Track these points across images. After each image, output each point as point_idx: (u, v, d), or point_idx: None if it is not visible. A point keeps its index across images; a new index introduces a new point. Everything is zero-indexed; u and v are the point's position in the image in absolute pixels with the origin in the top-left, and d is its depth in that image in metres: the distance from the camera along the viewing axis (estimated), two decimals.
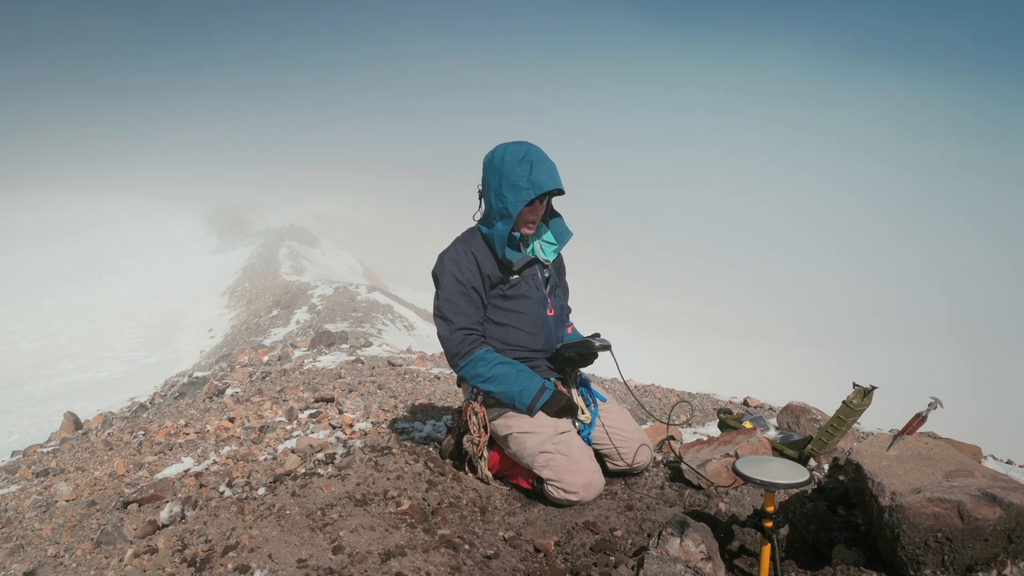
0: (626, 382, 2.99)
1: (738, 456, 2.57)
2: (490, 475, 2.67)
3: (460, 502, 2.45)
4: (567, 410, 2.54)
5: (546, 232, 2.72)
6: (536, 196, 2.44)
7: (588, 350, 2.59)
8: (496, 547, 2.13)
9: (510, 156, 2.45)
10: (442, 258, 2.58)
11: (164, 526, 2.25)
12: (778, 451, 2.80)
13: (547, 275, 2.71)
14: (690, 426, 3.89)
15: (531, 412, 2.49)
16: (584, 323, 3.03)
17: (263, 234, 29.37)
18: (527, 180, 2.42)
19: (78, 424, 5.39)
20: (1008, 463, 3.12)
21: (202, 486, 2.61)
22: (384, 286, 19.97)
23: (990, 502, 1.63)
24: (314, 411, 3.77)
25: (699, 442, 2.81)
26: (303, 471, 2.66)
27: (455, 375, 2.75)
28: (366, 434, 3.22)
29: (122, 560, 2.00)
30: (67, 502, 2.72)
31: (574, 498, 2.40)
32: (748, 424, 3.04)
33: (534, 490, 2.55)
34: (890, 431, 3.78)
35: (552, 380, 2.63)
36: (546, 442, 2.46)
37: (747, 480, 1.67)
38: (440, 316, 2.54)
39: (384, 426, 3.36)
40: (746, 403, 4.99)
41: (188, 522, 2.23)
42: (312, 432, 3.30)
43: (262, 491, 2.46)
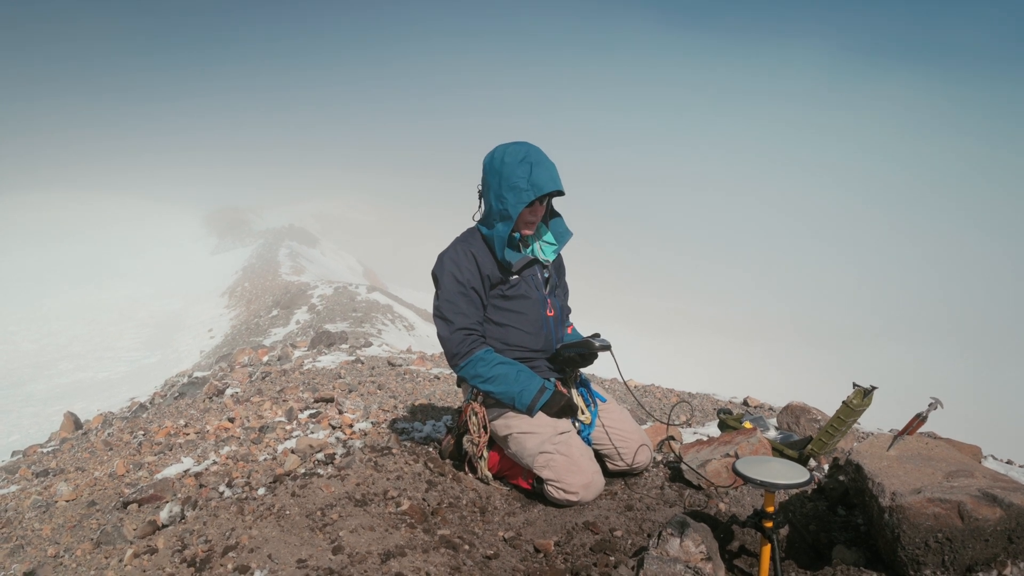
0: (626, 382, 2.99)
1: (738, 456, 2.57)
2: (490, 475, 2.67)
3: (460, 502, 2.44)
4: (567, 410, 2.54)
5: (546, 233, 2.72)
6: (536, 197, 2.44)
7: (588, 350, 2.59)
8: (496, 547, 2.12)
9: (510, 157, 2.45)
10: (442, 258, 2.58)
11: (164, 526, 2.25)
12: (778, 451, 2.80)
13: (547, 275, 2.71)
14: (690, 426, 3.89)
15: (531, 412, 2.49)
16: (584, 323, 3.03)
17: (263, 234, 29.37)
18: (527, 181, 2.42)
19: (78, 424, 5.39)
20: (1008, 463, 3.12)
21: (202, 486, 2.61)
22: (384, 286, 19.97)
23: (990, 502, 1.63)
24: (314, 411, 3.77)
25: (699, 442, 2.81)
26: (303, 471, 2.66)
27: (455, 375, 2.75)
28: (366, 434, 3.21)
29: (122, 560, 2.00)
30: (67, 502, 2.72)
31: (574, 498, 2.40)
32: (748, 424, 3.04)
33: (534, 490, 2.55)
34: (890, 431, 3.78)
35: (552, 380, 2.63)
36: (546, 442, 2.46)
37: (747, 480, 1.67)
38: (440, 316, 2.54)
39: (384, 426, 3.36)
40: (746, 403, 4.99)
41: (188, 522, 2.23)
42: (312, 432, 3.30)
43: (262, 491, 2.46)
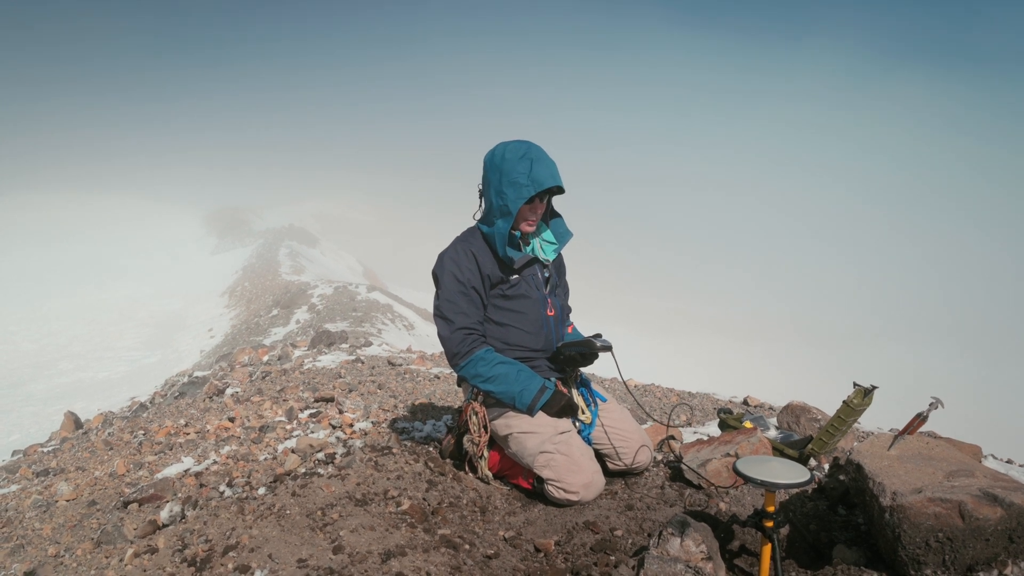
0: (626, 382, 2.99)
1: (738, 456, 2.57)
2: (490, 475, 2.67)
3: (460, 502, 2.44)
4: (567, 410, 2.54)
5: (546, 231, 2.72)
6: (536, 193, 2.44)
7: (589, 350, 2.59)
8: (496, 547, 2.12)
9: (510, 154, 2.46)
10: (442, 258, 2.58)
11: (164, 526, 2.25)
12: (778, 451, 2.80)
13: (547, 275, 2.71)
14: (690, 426, 3.89)
15: (531, 412, 2.48)
16: (584, 323, 3.03)
17: (263, 234, 29.36)
18: (527, 177, 2.42)
19: (78, 424, 5.39)
20: (1008, 462, 3.12)
21: (202, 486, 2.61)
22: (384, 286, 19.97)
23: (991, 502, 1.63)
24: (314, 411, 3.77)
25: (699, 442, 2.81)
26: (303, 471, 2.66)
27: (455, 374, 2.75)
28: (366, 434, 3.21)
29: (122, 560, 2.00)
30: (67, 502, 2.72)
31: (574, 498, 2.40)
32: (748, 424, 3.04)
33: (534, 490, 2.55)
34: (890, 431, 3.78)
35: (552, 380, 2.63)
36: (546, 442, 2.46)
37: (748, 480, 1.67)
38: (440, 316, 2.54)
39: (384, 426, 3.36)
40: (746, 403, 4.99)
41: (188, 522, 2.22)
42: (312, 432, 3.30)
43: (262, 491, 2.46)
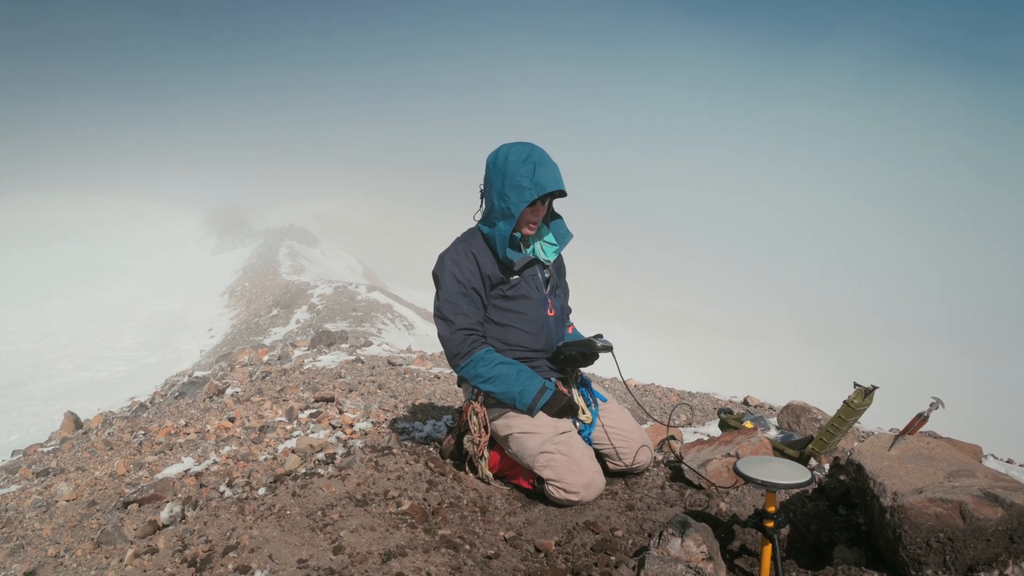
0: (626, 382, 2.99)
1: (739, 456, 2.56)
2: (491, 475, 2.67)
3: (461, 502, 2.44)
4: (568, 410, 2.54)
5: (547, 233, 2.72)
6: (538, 197, 2.44)
7: (590, 350, 2.59)
8: (497, 547, 2.12)
9: (514, 156, 2.46)
10: (442, 258, 2.58)
11: (164, 526, 2.24)
12: (779, 451, 2.80)
13: (547, 275, 2.71)
14: (690, 426, 3.89)
15: (532, 412, 2.48)
16: (584, 323, 3.03)
17: (263, 234, 29.36)
18: (530, 180, 2.42)
19: (78, 424, 5.39)
20: (1008, 462, 3.12)
21: (202, 486, 2.61)
22: (384, 286, 19.96)
23: (992, 502, 1.63)
24: (314, 411, 3.77)
25: (700, 442, 2.81)
26: (303, 471, 2.65)
27: (455, 375, 2.75)
28: (366, 434, 3.21)
29: (122, 560, 2.00)
30: (67, 502, 2.71)
31: (575, 498, 2.40)
32: (749, 424, 3.03)
33: (535, 490, 2.55)
34: (891, 431, 3.78)
35: (553, 380, 2.63)
36: (547, 442, 2.46)
37: (748, 480, 1.67)
38: (440, 316, 2.54)
39: (384, 426, 3.36)
40: (746, 403, 4.98)
41: (188, 522, 2.22)
42: (312, 432, 3.30)
43: (262, 491, 2.46)
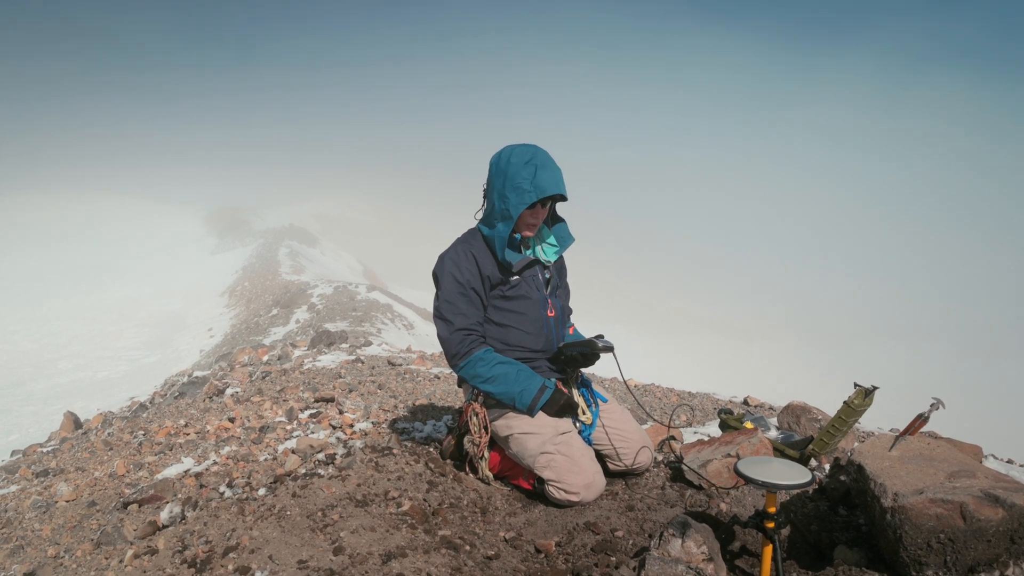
0: (626, 382, 2.99)
1: (739, 456, 2.56)
2: (491, 476, 2.67)
3: (461, 503, 2.44)
4: (567, 409, 2.54)
5: (549, 235, 2.72)
6: (538, 200, 2.44)
7: (591, 350, 2.58)
8: (497, 548, 2.12)
9: (516, 158, 2.46)
10: (442, 259, 2.58)
11: (164, 527, 2.24)
12: (779, 451, 2.80)
13: (548, 276, 2.71)
14: (691, 426, 3.88)
15: (531, 412, 2.48)
16: (584, 323, 3.02)
17: (263, 234, 29.35)
18: (531, 183, 2.42)
19: (78, 424, 5.39)
20: (1009, 463, 3.12)
21: (202, 486, 2.60)
22: (384, 285, 19.97)
23: (992, 503, 1.63)
24: (314, 411, 3.76)
25: (700, 442, 2.81)
26: (303, 472, 2.65)
27: (455, 375, 2.74)
28: (366, 434, 3.21)
29: (122, 561, 2.00)
30: (67, 502, 2.71)
31: (575, 499, 2.40)
32: (749, 424, 3.03)
33: (535, 491, 2.55)
34: (891, 431, 3.78)
35: (552, 380, 2.63)
36: (547, 443, 2.46)
37: (749, 481, 1.67)
38: (440, 317, 2.54)
39: (384, 426, 3.35)
40: (746, 403, 4.98)
41: (188, 523, 2.22)
42: (312, 432, 3.30)
43: (262, 492, 2.46)
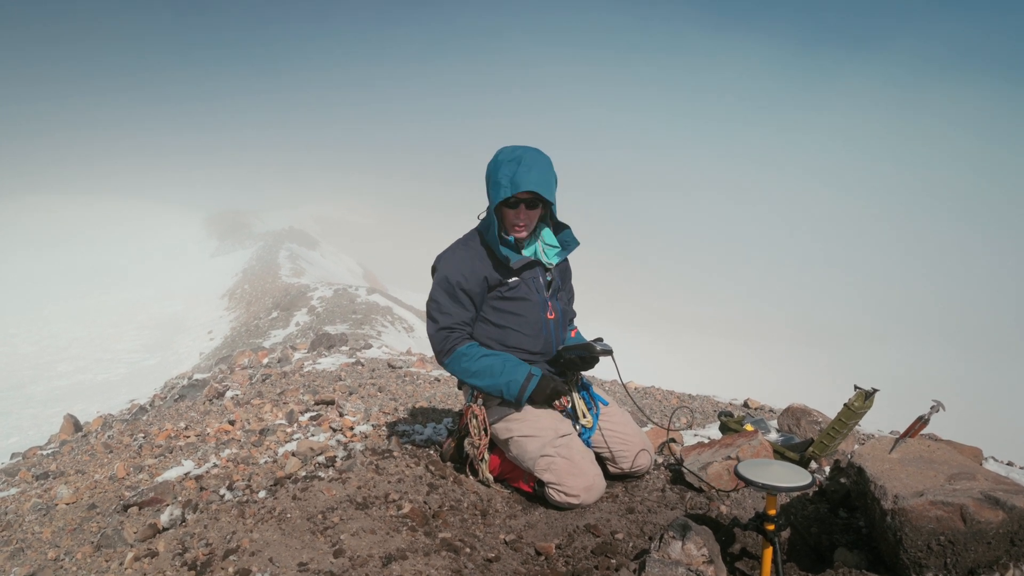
0: (625, 385, 2.98)
1: (739, 459, 2.56)
2: (491, 478, 2.67)
3: (461, 505, 2.44)
4: (556, 394, 2.54)
5: (548, 236, 2.69)
6: (513, 196, 2.42)
7: (589, 353, 2.58)
8: (497, 550, 2.12)
9: (503, 156, 2.48)
10: (439, 258, 2.62)
11: (164, 529, 2.24)
12: (779, 454, 2.80)
13: (549, 279, 2.70)
14: (691, 428, 3.88)
15: (520, 402, 2.49)
16: (585, 325, 3.03)
17: (263, 237, 29.38)
18: (508, 179, 2.42)
19: (78, 426, 5.38)
20: (1009, 465, 3.12)
21: (202, 489, 2.60)
22: (384, 288, 19.98)
23: (993, 505, 1.63)
24: (314, 414, 3.76)
25: (700, 445, 2.81)
26: (304, 474, 2.65)
27: (456, 377, 2.74)
28: (367, 437, 3.21)
29: (122, 563, 2.00)
30: (67, 505, 2.71)
31: (575, 501, 2.40)
32: (749, 427, 3.03)
33: (535, 493, 2.55)
34: (891, 433, 3.78)
35: (539, 369, 2.58)
36: (547, 445, 2.46)
37: (749, 483, 1.67)
38: (428, 315, 2.61)
39: (384, 429, 3.35)
40: (746, 405, 4.98)
41: (188, 525, 2.22)
42: (313, 435, 3.30)
43: (263, 494, 2.46)
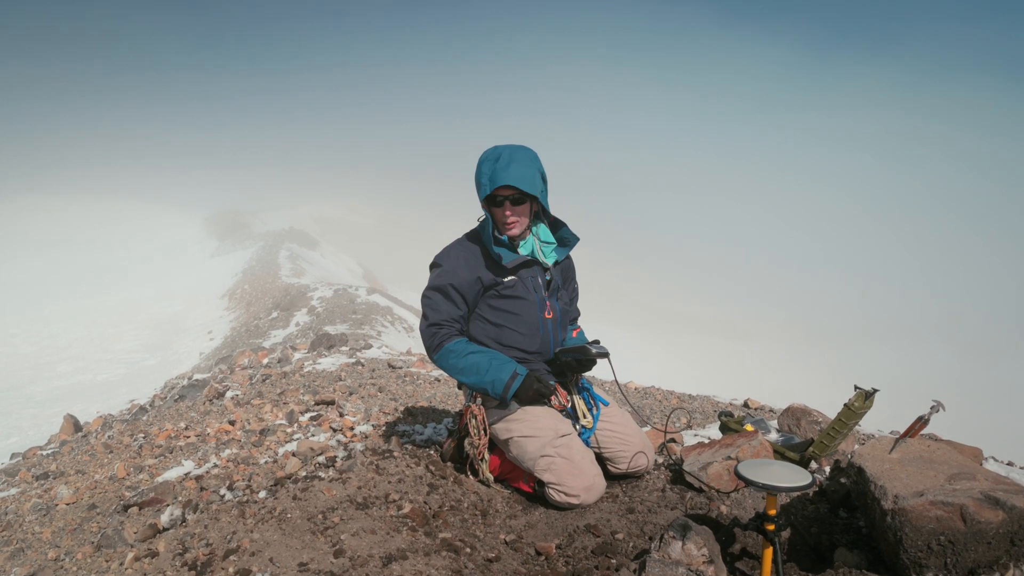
0: (625, 386, 2.98)
1: (739, 459, 2.56)
2: (491, 478, 2.67)
3: (461, 505, 2.44)
4: (540, 395, 2.53)
5: (545, 233, 2.69)
6: (492, 191, 2.45)
7: (585, 356, 2.58)
8: (497, 550, 2.12)
9: (485, 155, 2.52)
10: (436, 257, 2.63)
11: (165, 529, 2.24)
12: (779, 454, 2.80)
13: (549, 278, 2.70)
14: (691, 428, 3.88)
15: (505, 400, 2.49)
16: (584, 325, 3.03)
17: (263, 237, 29.40)
18: (488, 178, 2.46)
19: (78, 427, 5.38)
20: (1009, 465, 3.12)
21: (203, 489, 2.60)
22: (384, 288, 19.98)
23: (993, 505, 1.63)
24: (314, 414, 3.77)
25: (700, 445, 2.81)
26: (304, 474, 2.65)
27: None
28: (367, 437, 3.21)
29: (122, 564, 2.00)
30: (67, 505, 2.71)
31: (575, 501, 2.40)
32: (749, 427, 3.03)
33: (535, 493, 2.55)
34: (891, 433, 3.78)
35: (524, 368, 2.58)
36: (547, 445, 2.46)
37: (749, 483, 1.67)
38: (421, 313, 2.62)
39: (385, 429, 3.36)
40: (746, 405, 4.98)
41: (189, 525, 2.22)
42: (313, 435, 3.30)
43: (263, 494, 2.46)
